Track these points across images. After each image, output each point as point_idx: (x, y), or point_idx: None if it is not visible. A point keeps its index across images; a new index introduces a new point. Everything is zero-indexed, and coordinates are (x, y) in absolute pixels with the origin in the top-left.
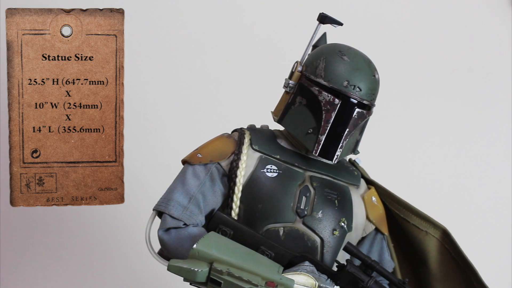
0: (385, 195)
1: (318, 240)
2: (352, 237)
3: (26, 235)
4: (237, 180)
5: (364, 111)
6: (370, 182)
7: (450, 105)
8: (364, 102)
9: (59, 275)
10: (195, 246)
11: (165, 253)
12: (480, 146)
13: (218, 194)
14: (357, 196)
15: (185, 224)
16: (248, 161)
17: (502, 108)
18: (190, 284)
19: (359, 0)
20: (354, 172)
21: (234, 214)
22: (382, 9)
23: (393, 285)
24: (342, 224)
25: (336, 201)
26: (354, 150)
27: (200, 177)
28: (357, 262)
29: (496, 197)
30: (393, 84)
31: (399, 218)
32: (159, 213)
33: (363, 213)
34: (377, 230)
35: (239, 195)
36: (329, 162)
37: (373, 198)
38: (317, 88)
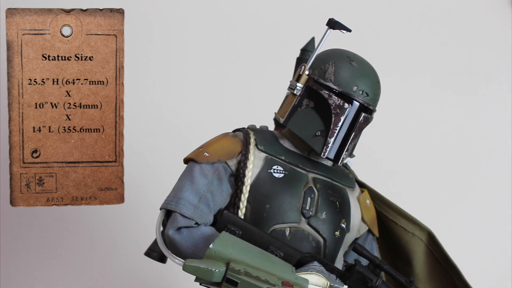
0: (375, 197)
1: (321, 240)
2: (348, 238)
3: (26, 235)
4: (245, 179)
5: (369, 116)
6: (362, 185)
7: (450, 105)
8: (370, 107)
9: (59, 275)
10: (211, 246)
11: (173, 252)
12: (480, 146)
13: (225, 193)
14: (354, 198)
15: (196, 223)
16: (255, 161)
17: (502, 108)
18: (201, 284)
19: (360, 0)
20: (349, 175)
21: (240, 213)
22: (382, 9)
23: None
24: (343, 225)
25: (337, 202)
26: (351, 154)
27: (208, 176)
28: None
29: (496, 197)
30: (393, 84)
31: (387, 219)
32: (166, 211)
33: (359, 214)
34: (369, 231)
35: (247, 195)
36: (329, 164)
37: (367, 201)
38: (327, 92)
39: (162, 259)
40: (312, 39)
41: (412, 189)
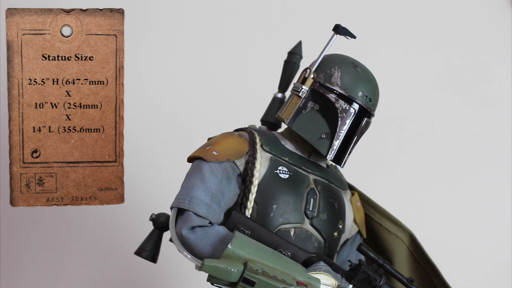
0: (362, 199)
1: (322, 240)
2: (342, 238)
3: (26, 235)
4: (254, 179)
5: (369, 120)
6: (351, 187)
7: (450, 105)
8: (372, 112)
9: (59, 275)
10: (230, 246)
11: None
12: (479, 146)
13: (233, 193)
14: (347, 200)
15: (210, 222)
16: (261, 161)
17: (502, 108)
18: (212, 284)
19: (360, 0)
20: (342, 177)
21: (248, 213)
22: (382, 9)
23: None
24: (340, 226)
25: (335, 204)
26: None
27: (217, 175)
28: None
29: (496, 198)
30: (393, 84)
31: (372, 221)
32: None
33: (352, 216)
34: (358, 232)
35: (255, 195)
36: (324, 166)
37: (358, 203)
38: (333, 96)
39: (153, 258)
40: (299, 43)
41: (412, 188)
